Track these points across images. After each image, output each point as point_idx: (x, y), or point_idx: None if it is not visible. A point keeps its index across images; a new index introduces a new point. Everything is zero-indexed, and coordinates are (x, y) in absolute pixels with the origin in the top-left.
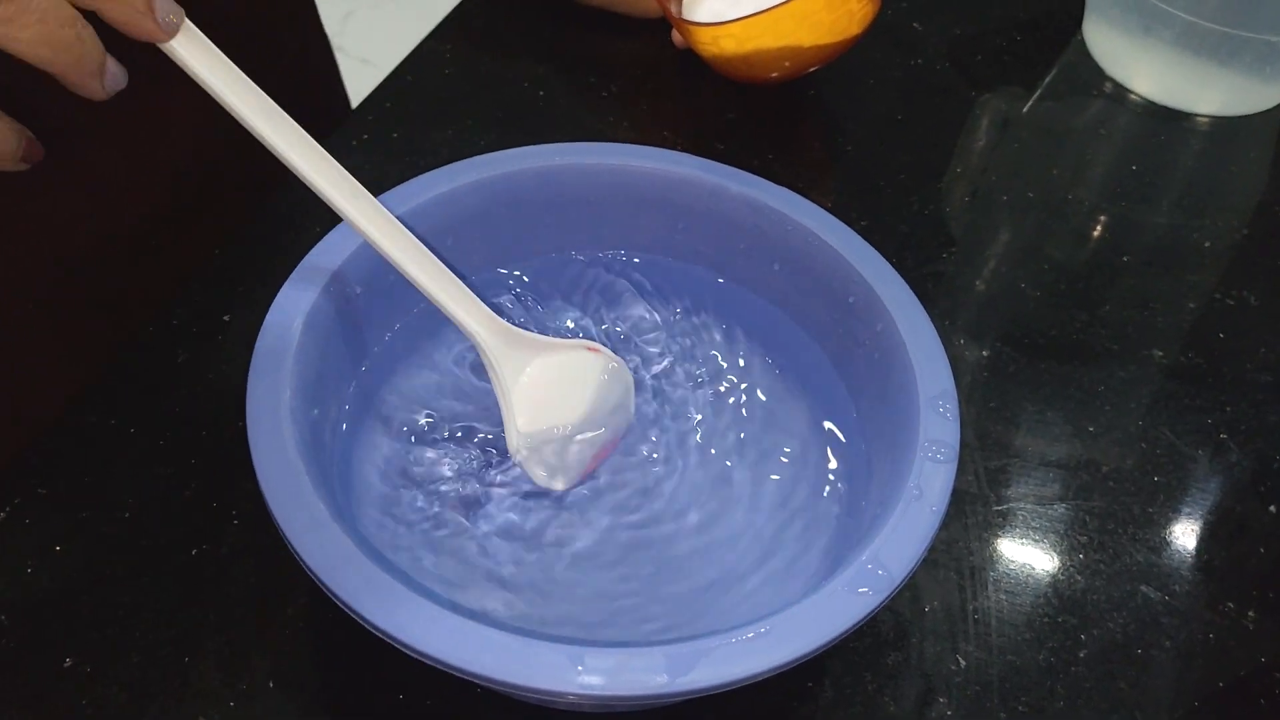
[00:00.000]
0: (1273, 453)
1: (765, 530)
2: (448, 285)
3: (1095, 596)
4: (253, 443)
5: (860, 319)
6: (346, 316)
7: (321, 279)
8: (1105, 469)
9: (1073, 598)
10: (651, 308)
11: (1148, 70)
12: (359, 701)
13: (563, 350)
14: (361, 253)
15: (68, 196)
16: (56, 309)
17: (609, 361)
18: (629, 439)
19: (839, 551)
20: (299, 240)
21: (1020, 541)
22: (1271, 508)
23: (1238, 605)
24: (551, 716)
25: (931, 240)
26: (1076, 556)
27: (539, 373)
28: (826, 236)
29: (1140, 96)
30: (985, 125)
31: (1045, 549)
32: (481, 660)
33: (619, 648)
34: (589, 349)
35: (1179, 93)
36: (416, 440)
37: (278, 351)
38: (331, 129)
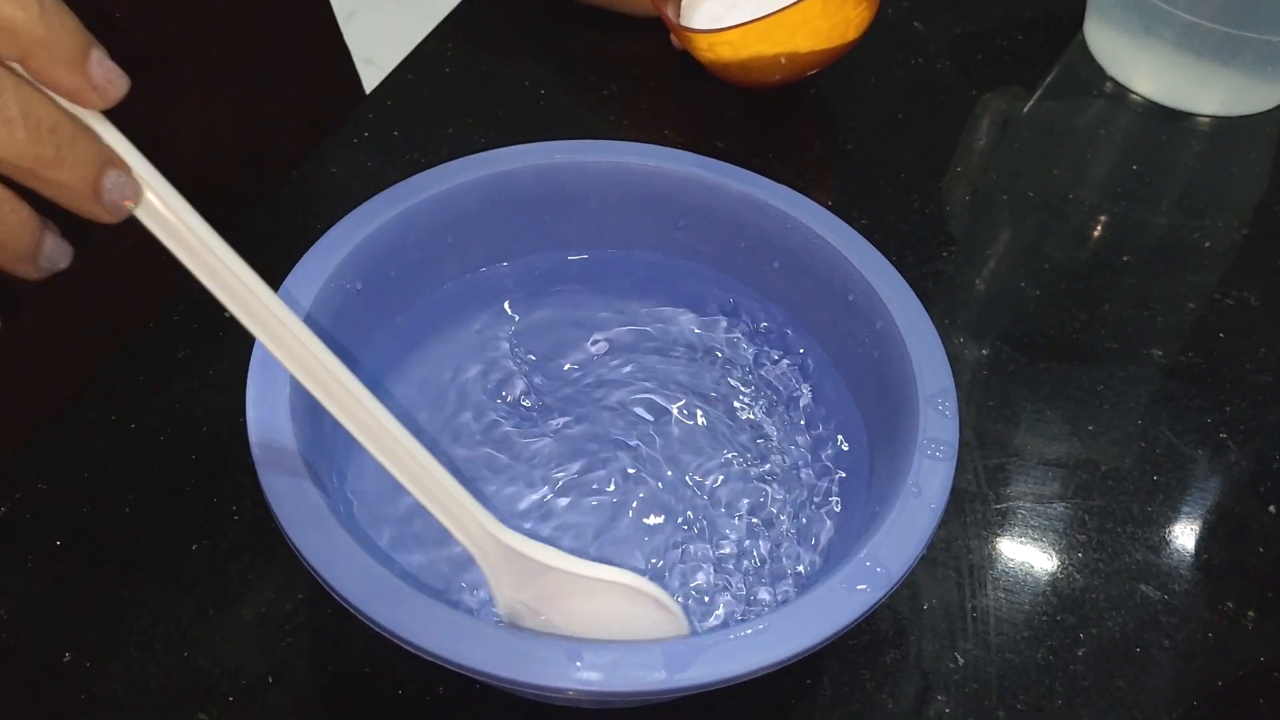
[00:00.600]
0: (1272, 453)
1: (764, 527)
2: (437, 491)
3: (1094, 595)
4: (253, 439)
5: (860, 317)
6: (347, 313)
7: (322, 275)
8: (1104, 468)
9: (1071, 596)
10: (651, 306)
11: (1148, 70)
12: (358, 697)
13: (588, 589)
14: (362, 250)
15: None
16: (57, 304)
17: (653, 607)
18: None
19: (838, 548)
20: (300, 236)
21: (1019, 540)
22: (1271, 508)
23: (1237, 605)
24: (551, 713)
25: (931, 239)
26: (1075, 555)
27: (547, 604)
28: (827, 235)
29: (1141, 96)
30: (986, 125)
31: (1044, 548)
32: (480, 656)
33: (617, 644)
34: (628, 585)
35: (1180, 93)
36: (416, 435)
37: None
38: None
